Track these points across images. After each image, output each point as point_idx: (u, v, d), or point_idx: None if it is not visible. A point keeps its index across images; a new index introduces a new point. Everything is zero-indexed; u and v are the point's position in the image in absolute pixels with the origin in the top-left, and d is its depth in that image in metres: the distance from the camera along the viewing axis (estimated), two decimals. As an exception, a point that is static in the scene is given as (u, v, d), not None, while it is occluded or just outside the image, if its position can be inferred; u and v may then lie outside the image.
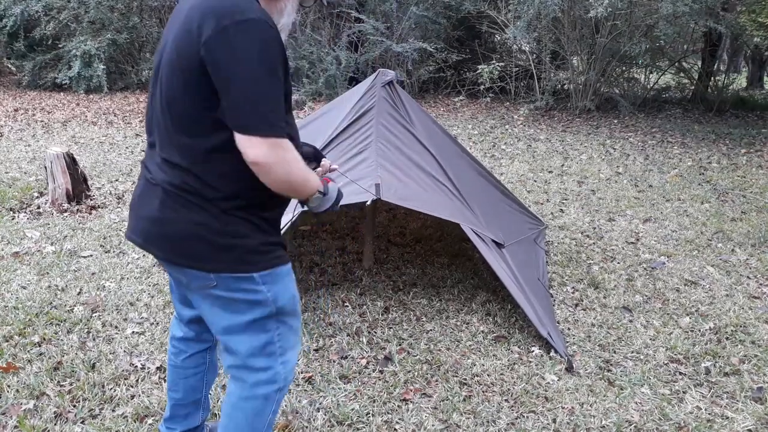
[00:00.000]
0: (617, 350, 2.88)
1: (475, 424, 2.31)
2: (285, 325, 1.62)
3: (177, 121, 1.44)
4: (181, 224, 1.47)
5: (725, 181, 6.05)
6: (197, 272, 1.51)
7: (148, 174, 1.54)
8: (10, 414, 2.25)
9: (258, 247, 1.51)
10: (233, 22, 1.33)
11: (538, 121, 9.11)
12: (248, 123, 1.35)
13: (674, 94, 11.67)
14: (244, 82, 1.32)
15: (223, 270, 1.49)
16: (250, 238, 1.50)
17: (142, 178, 1.58)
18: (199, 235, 1.46)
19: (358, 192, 2.89)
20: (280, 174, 1.40)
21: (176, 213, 1.47)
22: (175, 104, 1.43)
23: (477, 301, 3.30)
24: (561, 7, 8.96)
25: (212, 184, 1.45)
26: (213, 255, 1.47)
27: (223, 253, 1.48)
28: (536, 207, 4.99)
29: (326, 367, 2.64)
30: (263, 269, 1.53)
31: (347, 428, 2.26)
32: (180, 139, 1.44)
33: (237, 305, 1.54)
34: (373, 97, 3.28)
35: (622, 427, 2.33)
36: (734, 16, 8.98)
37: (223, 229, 1.47)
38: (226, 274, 1.50)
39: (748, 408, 2.46)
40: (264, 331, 1.59)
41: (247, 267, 1.50)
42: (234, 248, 1.48)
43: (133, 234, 1.58)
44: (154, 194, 1.50)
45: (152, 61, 1.79)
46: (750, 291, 3.56)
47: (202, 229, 1.46)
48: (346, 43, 10.23)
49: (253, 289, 1.53)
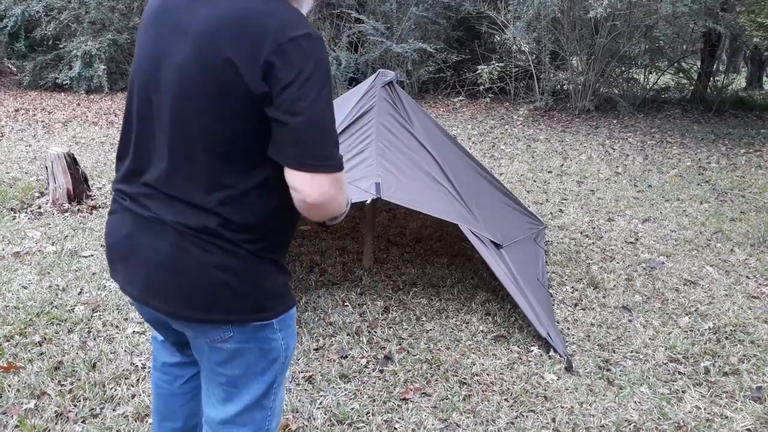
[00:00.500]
0: (616, 350, 2.88)
1: (475, 424, 2.32)
2: (284, 371, 1.44)
3: (207, 157, 1.22)
4: (200, 270, 1.24)
5: (724, 181, 6.06)
6: (211, 325, 1.29)
7: (144, 210, 1.28)
8: (11, 413, 2.25)
9: (279, 289, 1.34)
10: (288, 39, 1.14)
11: (537, 121, 9.12)
12: (314, 159, 1.17)
13: (673, 94, 11.67)
14: (311, 113, 1.15)
15: (244, 321, 1.29)
16: (272, 280, 1.31)
17: (128, 213, 1.32)
18: (221, 282, 1.25)
19: (359, 192, 2.90)
20: (333, 210, 1.23)
21: (193, 257, 1.24)
22: (204, 137, 1.20)
23: (476, 301, 3.31)
24: (560, 8, 8.97)
25: (241, 227, 1.25)
26: (235, 304, 1.27)
27: (245, 301, 1.28)
28: (536, 207, 5.00)
29: (326, 366, 2.65)
30: (281, 314, 1.35)
31: (347, 427, 2.27)
32: (209, 177, 1.22)
33: (250, 354, 1.34)
34: (373, 97, 3.29)
35: (621, 426, 2.33)
36: (733, 16, 8.99)
37: (249, 273, 1.27)
38: (245, 325, 1.30)
39: (747, 407, 2.47)
40: (269, 378, 1.40)
41: (268, 314, 1.32)
42: (257, 293, 1.29)
43: (129, 285, 1.32)
44: (160, 235, 1.26)
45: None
46: (749, 291, 3.57)
47: (225, 274, 1.25)
48: (346, 43, 10.23)
49: (269, 338, 1.34)
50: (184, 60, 1.20)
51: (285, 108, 1.15)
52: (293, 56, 1.14)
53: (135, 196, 1.30)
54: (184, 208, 1.24)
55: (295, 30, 1.15)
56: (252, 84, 1.15)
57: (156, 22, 1.27)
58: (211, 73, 1.17)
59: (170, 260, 1.25)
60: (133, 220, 1.30)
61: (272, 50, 1.13)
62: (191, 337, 1.36)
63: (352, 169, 3.03)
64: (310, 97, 1.14)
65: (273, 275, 1.31)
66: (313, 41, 1.16)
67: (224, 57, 1.15)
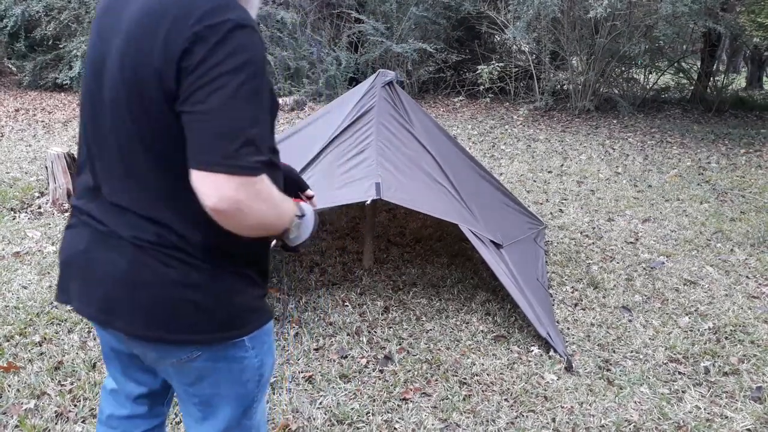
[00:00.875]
0: (616, 350, 2.88)
1: (475, 423, 2.32)
2: (263, 389, 1.34)
3: (152, 167, 1.13)
4: (161, 286, 1.15)
5: (724, 181, 6.06)
6: (176, 345, 1.19)
7: (99, 225, 1.19)
8: (11, 413, 2.25)
9: (250, 304, 1.23)
10: (205, 26, 1.03)
11: (537, 121, 9.12)
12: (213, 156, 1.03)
13: (673, 94, 11.68)
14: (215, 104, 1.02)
15: (212, 340, 1.20)
16: (241, 295, 1.21)
17: (86, 228, 1.22)
18: (183, 298, 1.15)
19: (358, 192, 2.90)
20: (251, 221, 1.08)
21: (153, 272, 1.14)
22: (145, 147, 1.11)
23: (476, 301, 3.31)
24: (560, 8, 8.97)
25: (201, 238, 1.15)
26: (199, 322, 1.17)
27: (212, 318, 1.18)
28: (536, 207, 5.00)
29: (326, 366, 2.65)
30: (253, 330, 1.24)
31: (347, 427, 2.27)
32: (159, 188, 1.14)
33: (221, 374, 1.25)
34: (373, 97, 3.29)
35: (621, 426, 2.33)
36: (733, 16, 9.00)
37: (213, 287, 1.17)
38: (214, 345, 1.21)
39: (747, 407, 2.47)
40: (245, 398, 1.31)
41: (238, 331, 1.22)
42: (224, 309, 1.19)
43: (86, 304, 1.21)
44: (118, 251, 1.16)
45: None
46: (749, 291, 3.57)
47: (187, 290, 1.15)
48: (346, 43, 10.24)
49: (241, 356, 1.25)
50: (113, 63, 1.12)
51: (186, 95, 1.04)
52: (207, 43, 1.03)
53: (92, 211, 1.21)
54: (140, 222, 1.15)
55: (217, 16, 1.04)
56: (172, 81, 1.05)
57: (100, 23, 1.18)
58: (135, 75, 1.08)
59: (129, 276, 1.15)
60: (90, 235, 1.21)
61: (188, 38, 1.03)
62: (155, 359, 1.25)
63: (352, 169, 3.03)
64: (218, 86, 1.02)
65: (242, 290, 1.21)
66: (238, 28, 1.04)
67: (147, 55, 1.06)
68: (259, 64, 1.06)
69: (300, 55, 10.10)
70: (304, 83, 9.92)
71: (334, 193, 2.95)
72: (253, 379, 1.29)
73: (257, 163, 1.05)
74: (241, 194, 1.03)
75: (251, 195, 1.04)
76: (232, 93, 1.02)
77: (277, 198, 1.12)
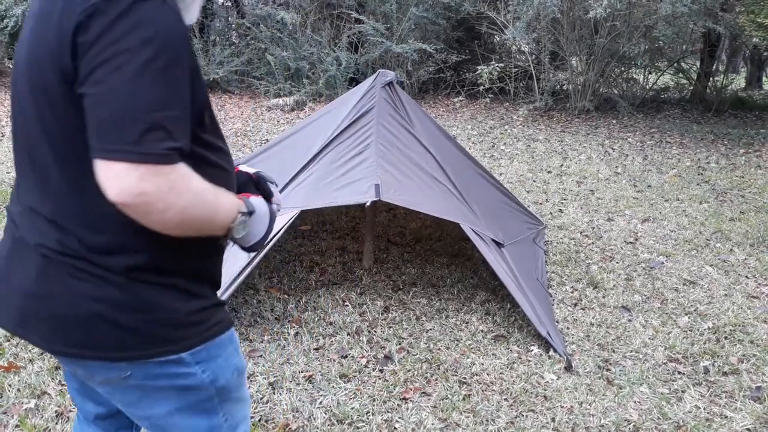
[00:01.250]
0: (616, 349, 2.89)
1: (475, 423, 2.32)
2: (230, 401, 1.22)
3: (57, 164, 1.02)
4: (72, 300, 1.04)
5: (724, 181, 6.07)
6: (101, 363, 1.08)
7: (16, 230, 1.10)
8: (12, 413, 2.26)
9: (185, 318, 1.09)
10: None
11: (537, 121, 9.12)
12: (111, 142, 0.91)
13: (673, 94, 11.68)
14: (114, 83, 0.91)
15: (138, 357, 1.07)
16: (171, 309, 1.08)
17: (7, 232, 1.13)
18: (96, 314, 1.03)
19: (358, 193, 2.90)
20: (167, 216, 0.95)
21: (62, 285, 1.04)
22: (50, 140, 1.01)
23: (476, 301, 3.31)
24: (560, 8, 8.98)
25: (113, 246, 1.03)
26: (120, 338, 1.05)
27: (135, 334, 1.06)
28: (535, 207, 5.00)
29: (326, 366, 2.65)
30: (194, 346, 1.11)
31: (347, 427, 2.27)
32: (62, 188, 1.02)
33: (163, 393, 1.13)
34: (373, 97, 3.30)
35: (620, 426, 2.34)
36: (733, 16, 9.00)
37: (131, 302, 1.04)
38: (142, 362, 1.08)
39: (747, 407, 2.48)
40: (206, 415, 1.19)
41: (171, 347, 1.09)
42: (149, 325, 1.06)
43: (5, 317, 1.11)
44: (28, 260, 1.06)
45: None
46: (748, 290, 3.57)
47: (100, 305, 1.03)
48: (346, 43, 10.24)
49: (183, 373, 1.12)
50: (20, 52, 1.04)
51: (85, 76, 0.92)
52: (106, 16, 0.91)
53: (13, 214, 1.12)
54: (45, 227, 1.05)
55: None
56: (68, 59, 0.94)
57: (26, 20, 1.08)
58: (34, 58, 1.00)
59: (39, 289, 1.05)
60: (10, 241, 1.11)
61: (84, 10, 0.92)
62: (86, 377, 1.16)
63: (352, 170, 3.03)
64: (119, 64, 0.90)
65: (171, 303, 1.08)
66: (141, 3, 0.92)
67: (43, 35, 0.97)
68: (170, 40, 0.93)
69: (300, 55, 10.10)
70: (304, 83, 9.92)
71: (333, 194, 2.96)
72: (207, 395, 1.17)
73: (168, 149, 0.92)
74: (147, 185, 0.90)
75: (161, 187, 0.92)
76: (135, 71, 0.90)
77: (200, 191, 0.99)
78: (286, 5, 10.24)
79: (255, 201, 1.19)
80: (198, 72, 1.01)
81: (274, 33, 10.00)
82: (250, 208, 1.14)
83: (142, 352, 1.07)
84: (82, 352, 1.06)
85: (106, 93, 0.91)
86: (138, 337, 1.06)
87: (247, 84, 10.20)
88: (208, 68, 9.79)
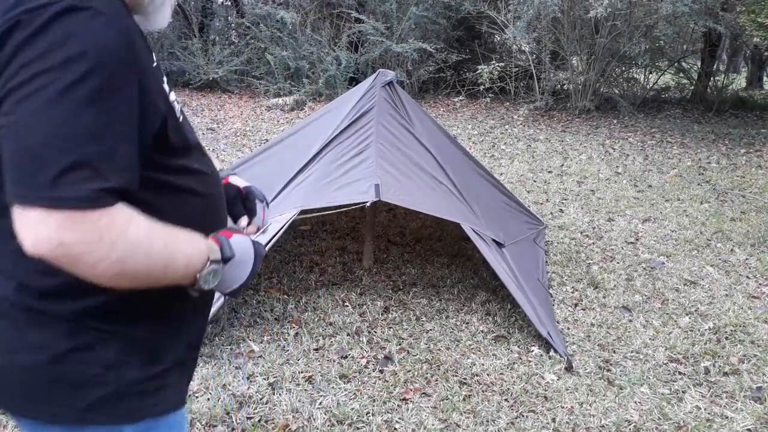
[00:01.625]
0: (617, 350, 2.88)
1: (475, 424, 2.32)
2: None
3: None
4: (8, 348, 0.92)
5: (724, 181, 6.06)
6: (32, 423, 0.95)
7: None
8: (11, 413, 2.25)
9: (134, 385, 0.95)
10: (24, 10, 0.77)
11: (537, 121, 9.11)
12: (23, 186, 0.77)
13: (674, 94, 11.67)
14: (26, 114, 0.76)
15: (69, 420, 0.92)
16: (119, 369, 0.93)
17: None
18: (34, 364, 0.90)
19: (358, 193, 2.90)
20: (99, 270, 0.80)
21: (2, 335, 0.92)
22: None
23: (477, 301, 3.31)
24: (561, 8, 8.97)
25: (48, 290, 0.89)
26: (53, 394, 0.91)
27: (71, 392, 0.91)
28: (536, 207, 5.00)
29: (326, 366, 2.65)
30: (141, 419, 0.96)
31: (347, 427, 2.27)
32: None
33: None
34: (373, 97, 3.29)
35: (621, 426, 2.33)
36: (734, 16, 8.99)
37: (72, 351, 0.91)
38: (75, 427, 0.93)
39: (748, 408, 2.47)
40: None
41: (113, 417, 0.94)
42: (90, 385, 0.91)
43: None
44: None
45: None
46: (749, 291, 3.57)
47: (38, 353, 0.90)
48: (346, 43, 10.23)
49: None
50: None
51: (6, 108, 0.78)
52: (23, 31, 0.76)
53: None
54: None
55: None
56: None
57: None
58: None
59: None
60: None
61: (3, 24, 0.77)
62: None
63: (351, 170, 3.03)
64: (33, 89, 0.75)
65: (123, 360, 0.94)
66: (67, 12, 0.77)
67: None
68: (104, 57, 0.78)
69: (300, 55, 10.09)
70: (303, 83, 9.91)
71: (333, 194, 2.95)
72: None
73: (95, 191, 0.77)
74: (68, 235, 0.76)
75: (87, 236, 0.77)
76: (52, 98, 0.75)
77: (141, 239, 0.82)
78: (286, 5, 10.23)
79: (236, 242, 1.00)
80: (153, 89, 0.88)
81: (273, 32, 9.99)
82: (226, 254, 0.96)
83: (74, 412, 0.92)
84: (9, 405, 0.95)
85: (17, 125, 0.76)
86: (74, 394, 0.92)
87: (246, 83, 10.19)
88: (208, 68, 9.78)
